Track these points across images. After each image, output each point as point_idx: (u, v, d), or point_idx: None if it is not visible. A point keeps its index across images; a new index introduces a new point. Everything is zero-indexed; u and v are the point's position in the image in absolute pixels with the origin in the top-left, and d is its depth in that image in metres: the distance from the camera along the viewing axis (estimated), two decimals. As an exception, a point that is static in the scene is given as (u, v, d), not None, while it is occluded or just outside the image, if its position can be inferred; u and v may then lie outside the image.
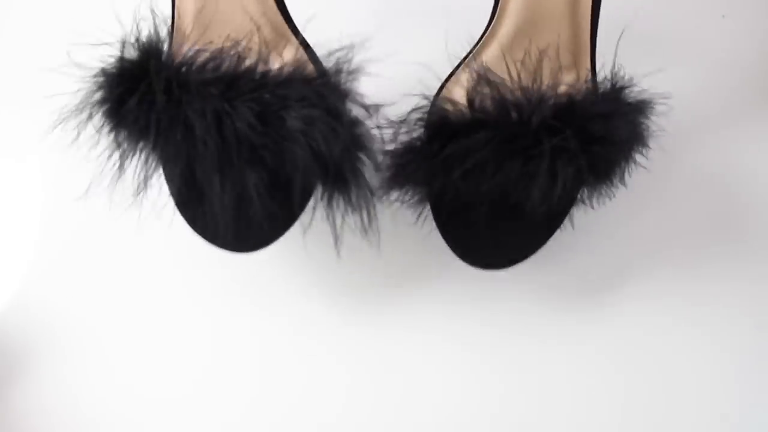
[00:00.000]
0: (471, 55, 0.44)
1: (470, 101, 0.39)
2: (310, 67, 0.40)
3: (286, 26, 0.43)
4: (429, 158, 0.39)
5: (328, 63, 0.39)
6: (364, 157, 0.39)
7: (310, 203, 0.40)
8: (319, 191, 0.39)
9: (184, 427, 0.45)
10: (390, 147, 0.41)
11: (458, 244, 0.42)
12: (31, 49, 0.55)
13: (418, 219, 0.42)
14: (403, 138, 0.40)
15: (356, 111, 0.39)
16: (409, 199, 0.41)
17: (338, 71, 0.39)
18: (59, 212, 0.50)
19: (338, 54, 0.39)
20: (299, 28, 0.43)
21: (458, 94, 0.42)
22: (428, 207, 0.42)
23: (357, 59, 0.39)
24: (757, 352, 0.45)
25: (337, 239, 0.39)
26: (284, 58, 0.41)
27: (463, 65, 0.44)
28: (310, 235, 0.46)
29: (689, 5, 0.54)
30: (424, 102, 0.42)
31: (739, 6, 0.54)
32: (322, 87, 0.38)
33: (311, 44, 0.43)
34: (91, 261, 0.48)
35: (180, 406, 0.45)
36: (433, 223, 0.42)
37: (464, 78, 0.43)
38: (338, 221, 0.39)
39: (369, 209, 0.39)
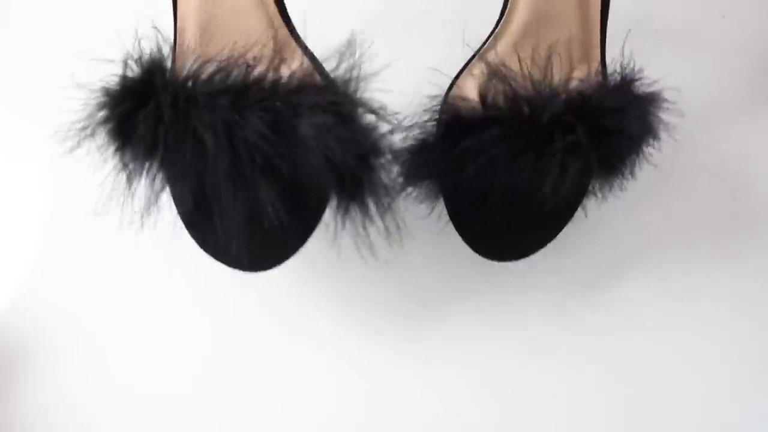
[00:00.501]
0: (481, 50, 0.44)
1: (483, 97, 0.39)
2: (317, 77, 0.39)
3: (291, 38, 0.42)
4: (442, 155, 0.39)
5: (337, 70, 0.38)
6: (379, 163, 0.38)
7: (326, 215, 0.38)
8: (334, 202, 0.38)
9: (184, 426, 0.45)
10: (403, 145, 0.41)
11: (472, 237, 0.43)
12: (31, 52, 0.55)
13: (431, 213, 0.42)
14: (416, 135, 0.41)
15: (369, 117, 0.38)
16: (423, 195, 0.42)
17: (348, 78, 0.37)
18: (59, 213, 0.50)
19: (348, 61, 0.37)
20: (302, 35, 0.43)
21: (470, 89, 0.42)
22: (442, 202, 0.43)
23: (366, 65, 0.37)
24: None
25: (357, 245, 0.38)
26: (289, 69, 0.39)
27: (473, 61, 0.44)
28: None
29: (689, 5, 0.54)
30: (434, 100, 0.42)
31: (739, 6, 0.54)
32: (334, 94, 0.37)
33: (315, 50, 0.42)
34: (91, 261, 0.48)
35: (180, 405, 0.45)
36: (447, 218, 0.43)
37: (476, 73, 0.43)
38: (358, 228, 0.38)
39: (388, 215, 0.38)
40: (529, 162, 0.38)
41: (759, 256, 0.48)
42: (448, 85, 0.44)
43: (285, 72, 0.37)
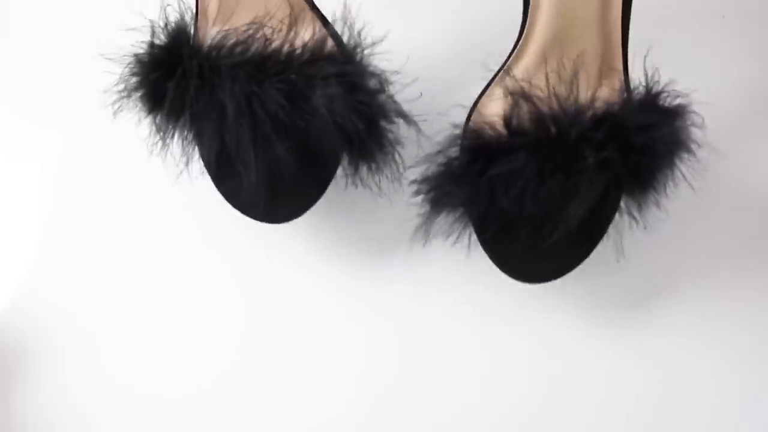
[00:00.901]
0: (502, 70, 0.43)
1: (507, 121, 0.39)
2: (330, 43, 0.42)
3: (305, 3, 0.44)
4: (469, 183, 0.39)
5: (346, 39, 0.42)
6: (386, 125, 0.41)
7: (339, 172, 0.42)
8: (345, 160, 0.42)
9: (184, 425, 0.45)
10: (427, 173, 0.40)
11: (502, 260, 0.42)
12: (34, 47, 0.55)
13: (457, 241, 0.41)
14: (439, 163, 0.40)
15: (374, 83, 0.41)
16: (450, 224, 0.41)
17: (356, 46, 0.41)
18: (59, 213, 0.50)
19: (352, 30, 0.41)
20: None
21: (493, 112, 0.41)
22: (470, 227, 0.41)
23: (368, 34, 0.41)
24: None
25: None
26: (305, 34, 0.42)
27: (494, 82, 0.43)
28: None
29: (689, 5, 0.54)
30: (455, 126, 0.41)
31: (739, 6, 0.54)
32: (343, 64, 0.40)
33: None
34: (91, 261, 0.48)
35: (180, 405, 0.45)
36: (471, 242, 0.42)
37: (498, 93, 0.42)
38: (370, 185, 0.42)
39: (393, 173, 0.42)
40: (558, 183, 0.37)
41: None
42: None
43: (299, 42, 0.41)
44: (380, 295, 0.47)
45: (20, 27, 0.56)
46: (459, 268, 0.46)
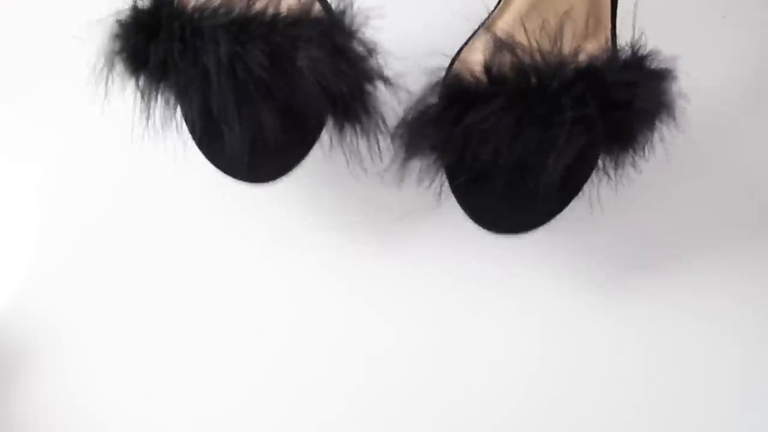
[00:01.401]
0: (487, 21, 0.43)
1: (488, 68, 0.38)
2: (317, 7, 0.41)
3: None
4: (445, 128, 0.39)
5: (334, 3, 0.41)
6: (371, 89, 0.41)
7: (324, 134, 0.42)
8: (330, 122, 0.42)
9: (184, 425, 0.45)
10: (404, 116, 0.40)
11: (473, 210, 0.42)
12: (34, 47, 0.55)
13: (431, 185, 0.41)
14: (417, 107, 0.40)
15: (361, 49, 0.41)
16: (425, 167, 0.41)
17: (344, 11, 0.41)
18: (59, 212, 0.50)
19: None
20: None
21: (474, 60, 0.41)
22: (443, 173, 0.41)
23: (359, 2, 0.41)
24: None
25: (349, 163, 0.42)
26: (289, 2, 0.41)
27: (479, 31, 0.43)
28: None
29: (689, 5, 0.54)
30: (436, 71, 0.41)
31: (739, 6, 0.54)
32: (329, 27, 0.40)
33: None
34: (91, 260, 0.48)
35: (180, 405, 0.45)
36: (445, 190, 0.42)
37: (480, 44, 0.42)
38: (350, 149, 0.42)
39: (378, 136, 0.41)
40: (536, 134, 0.37)
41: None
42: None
43: (285, 5, 0.40)
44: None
45: (20, 27, 0.56)
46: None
